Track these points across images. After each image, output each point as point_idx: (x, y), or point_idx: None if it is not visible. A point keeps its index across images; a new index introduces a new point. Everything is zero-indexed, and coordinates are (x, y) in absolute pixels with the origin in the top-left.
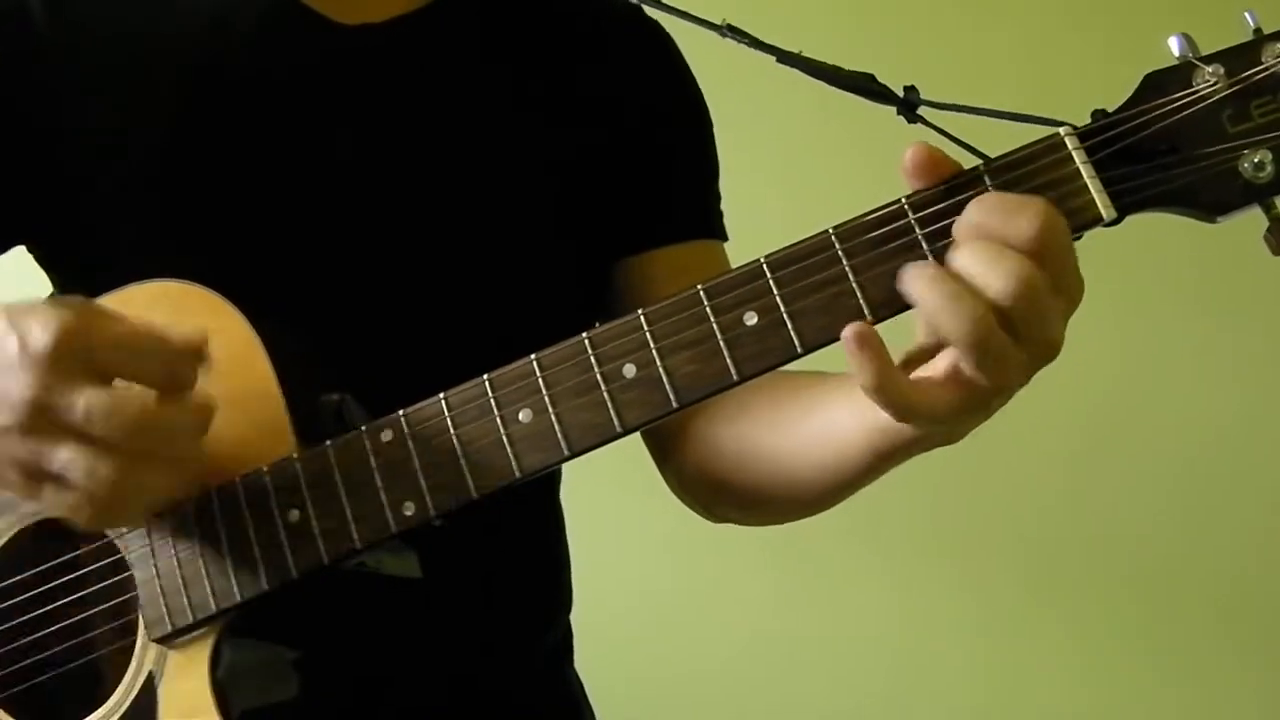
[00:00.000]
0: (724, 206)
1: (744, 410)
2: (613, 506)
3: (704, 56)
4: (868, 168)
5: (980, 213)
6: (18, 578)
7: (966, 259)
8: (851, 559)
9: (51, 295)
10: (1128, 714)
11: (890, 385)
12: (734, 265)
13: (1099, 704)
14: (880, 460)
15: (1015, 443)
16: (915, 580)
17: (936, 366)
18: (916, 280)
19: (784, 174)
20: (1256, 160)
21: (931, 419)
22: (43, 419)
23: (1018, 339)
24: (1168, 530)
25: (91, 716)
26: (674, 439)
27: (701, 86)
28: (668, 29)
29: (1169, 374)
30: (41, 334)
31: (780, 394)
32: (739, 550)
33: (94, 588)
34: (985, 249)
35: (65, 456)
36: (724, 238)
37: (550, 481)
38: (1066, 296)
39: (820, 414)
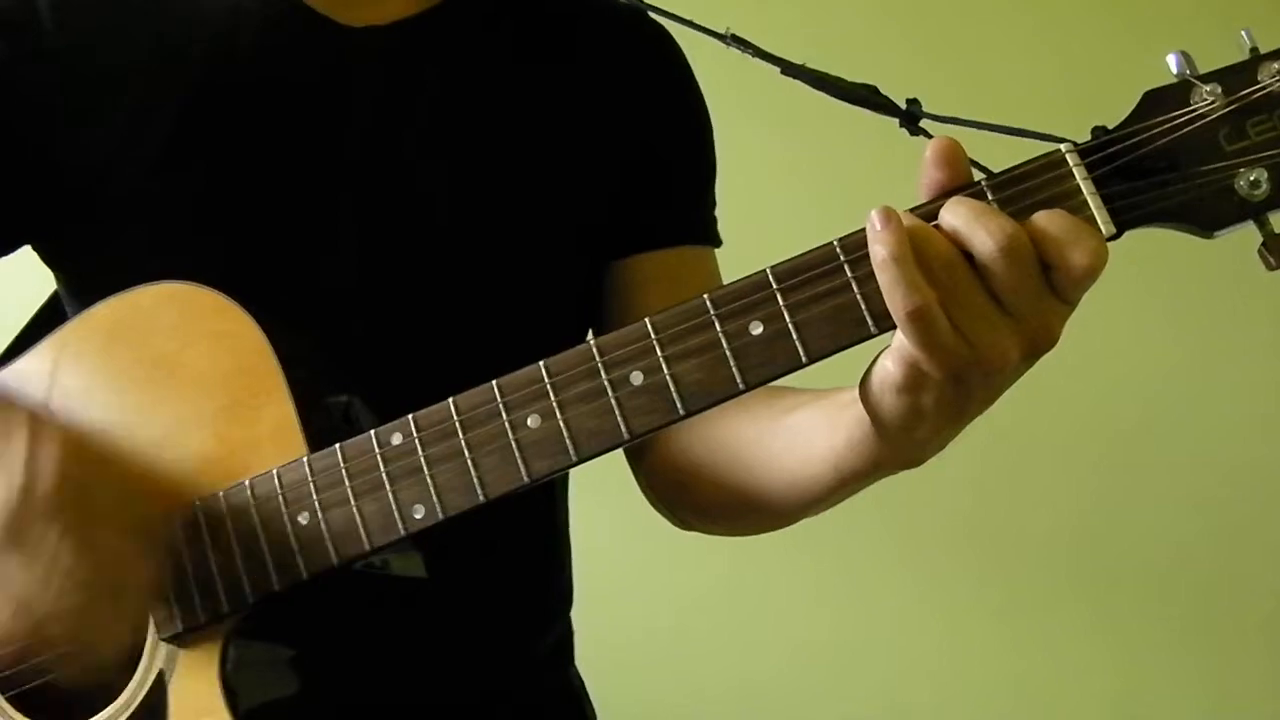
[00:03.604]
0: (729, 215)
1: (716, 418)
2: (612, 503)
3: (708, 65)
4: (870, 178)
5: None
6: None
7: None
8: (864, 559)
9: (55, 302)
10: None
11: (905, 258)
12: (735, 273)
13: (1133, 706)
14: (843, 480)
15: (1047, 447)
16: (924, 581)
17: None
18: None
19: (788, 184)
20: (1252, 178)
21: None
22: None
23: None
24: (1203, 535)
25: (101, 714)
26: (644, 443)
27: (705, 94)
28: (673, 35)
29: (1200, 378)
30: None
31: (755, 404)
32: (739, 548)
33: None
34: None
35: None
36: (716, 244)
37: (553, 480)
38: (1018, 316)
39: (791, 427)
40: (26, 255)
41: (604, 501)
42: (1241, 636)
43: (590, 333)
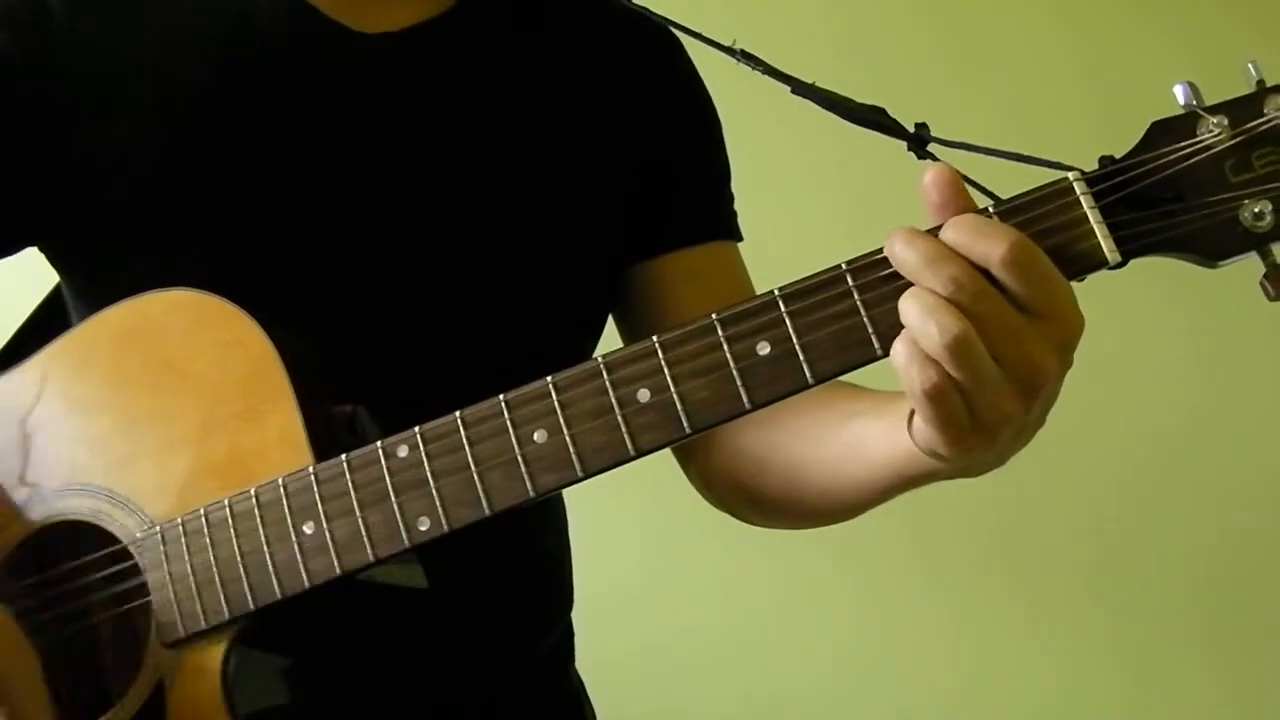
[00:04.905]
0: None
1: (773, 417)
2: (614, 503)
3: (720, 80)
4: (881, 194)
5: (953, 231)
6: (29, 581)
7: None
8: (875, 563)
9: (56, 297)
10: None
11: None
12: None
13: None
14: (905, 483)
15: (1066, 457)
16: (940, 590)
17: None
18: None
19: (799, 199)
20: (1257, 210)
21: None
22: None
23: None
24: (1223, 549)
25: (101, 719)
26: (700, 441)
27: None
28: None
29: (1216, 388)
30: None
31: (810, 405)
32: (745, 552)
33: (105, 592)
34: (928, 251)
35: None
36: (737, 238)
37: None
38: (1049, 324)
39: (850, 431)
40: (26, 252)
41: (610, 504)
42: (1268, 652)
43: (629, 335)
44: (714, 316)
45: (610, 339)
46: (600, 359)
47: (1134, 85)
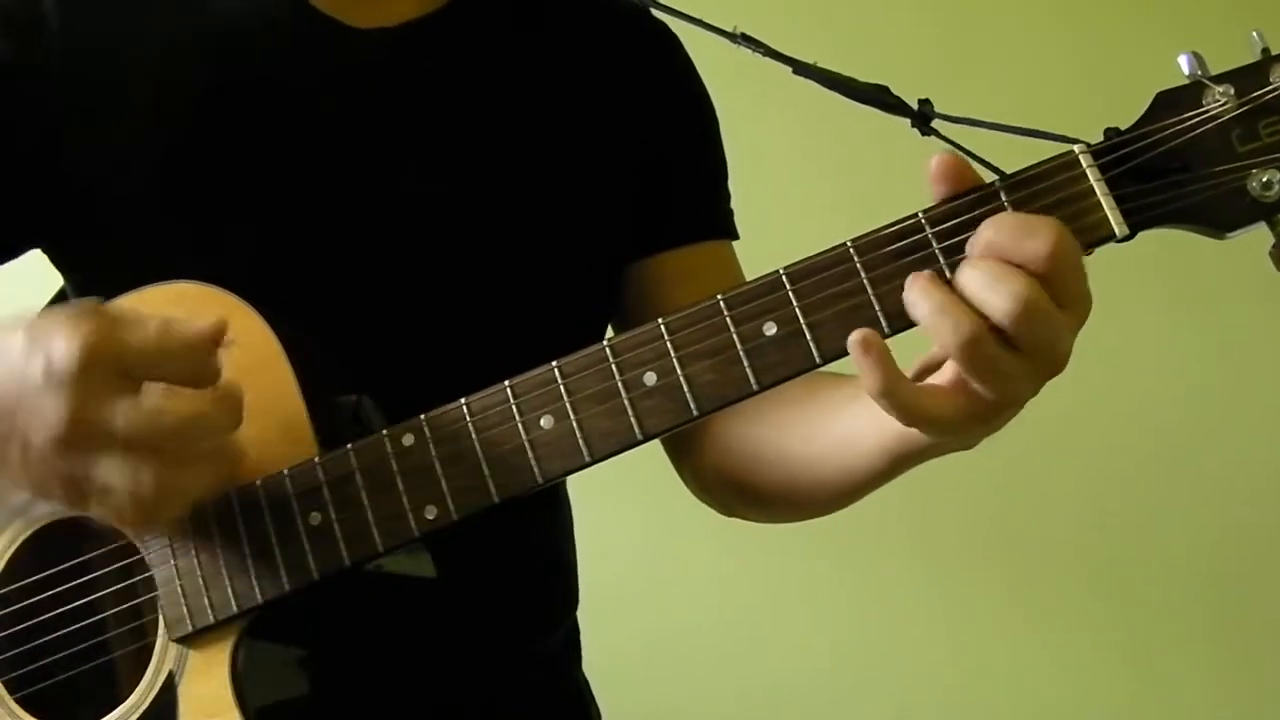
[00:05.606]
0: (741, 215)
1: (761, 413)
2: (611, 502)
3: (721, 65)
4: (884, 175)
5: (993, 231)
6: (35, 578)
7: (970, 277)
8: (878, 563)
9: (60, 299)
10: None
11: (896, 390)
12: (747, 272)
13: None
14: (897, 464)
15: (1067, 453)
16: (941, 587)
17: (943, 375)
18: (911, 289)
19: (802, 183)
20: (1264, 179)
21: (935, 425)
22: (82, 434)
23: (1020, 353)
24: (1225, 544)
25: (110, 716)
26: (691, 440)
27: (714, 95)
28: (681, 35)
29: (1218, 382)
30: (67, 351)
31: (798, 397)
32: (749, 551)
33: (112, 588)
34: (989, 268)
35: (108, 468)
36: (733, 236)
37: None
38: (1073, 312)
39: (839, 419)
40: (29, 254)
41: (608, 503)
42: (1270, 647)
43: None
44: (719, 298)
45: None
46: (606, 343)
47: (1138, 56)
